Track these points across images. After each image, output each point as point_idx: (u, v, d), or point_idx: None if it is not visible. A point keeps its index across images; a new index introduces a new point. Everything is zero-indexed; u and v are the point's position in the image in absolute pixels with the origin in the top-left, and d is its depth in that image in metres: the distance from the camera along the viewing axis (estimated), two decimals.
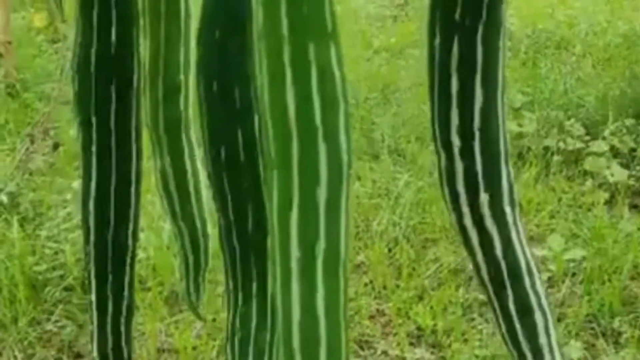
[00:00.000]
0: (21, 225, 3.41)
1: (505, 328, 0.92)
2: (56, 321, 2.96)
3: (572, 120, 4.20)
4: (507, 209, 0.89)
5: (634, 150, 4.01)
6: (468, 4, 0.81)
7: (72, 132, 4.49)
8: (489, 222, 0.88)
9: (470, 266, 2.69)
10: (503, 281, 0.91)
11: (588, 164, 3.82)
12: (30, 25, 6.77)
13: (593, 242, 3.17)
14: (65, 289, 3.08)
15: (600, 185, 3.72)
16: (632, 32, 5.74)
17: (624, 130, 4.12)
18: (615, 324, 2.79)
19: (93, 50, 0.95)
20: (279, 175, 0.62)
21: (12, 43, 5.71)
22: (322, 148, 0.60)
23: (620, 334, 2.77)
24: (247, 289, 0.88)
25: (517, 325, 0.92)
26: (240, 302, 0.89)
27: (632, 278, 3.03)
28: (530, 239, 3.22)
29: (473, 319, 2.89)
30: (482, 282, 0.93)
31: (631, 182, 3.76)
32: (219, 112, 0.85)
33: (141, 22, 1.01)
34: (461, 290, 2.99)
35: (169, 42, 1.05)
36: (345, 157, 0.61)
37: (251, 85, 0.85)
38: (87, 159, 1.00)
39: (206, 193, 1.14)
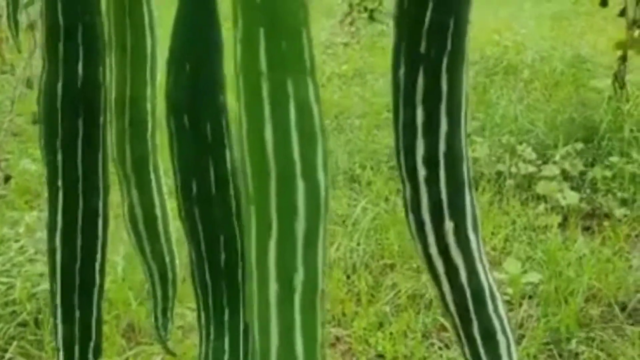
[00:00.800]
0: None
1: (470, 352, 0.94)
2: (10, 359, 2.89)
3: (524, 145, 4.28)
4: (472, 236, 0.90)
5: (583, 173, 4.10)
6: (433, 36, 0.82)
7: (22, 164, 4.43)
8: (454, 250, 0.90)
9: (430, 291, 2.71)
10: (467, 307, 0.92)
11: (540, 187, 3.89)
12: None
13: (548, 265, 3.22)
14: (19, 324, 3.02)
15: (553, 209, 3.78)
16: (577, 58, 5.88)
17: (574, 154, 4.21)
18: (572, 345, 2.83)
19: (59, 84, 0.94)
20: (257, 210, 0.62)
21: None
22: (300, 184, 0.61)
23: (577, 355, 2.81)
24: (219, 322, 0.88)
25: (481, 349, 0.93)
26: (212, 335, 0.88)
27: (587, 300, 3.08)
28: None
29: (432, 344, 2.90)
30: (446, 308, 0.94)
31: (583, 205, 3.83)
32: (190, 146, 0.85)
33: (107, 56, 1.00)
34: (421, 316, 3.01)
35: (134, 77, 1.05)
36: (323, 193, 0.62)
37: (222, 118, 0.85)
38: (53, 193, 0.99)
39: (173, 226, 1.14)
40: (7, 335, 2.97)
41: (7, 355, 2.89)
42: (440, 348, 2.88)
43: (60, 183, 0.99)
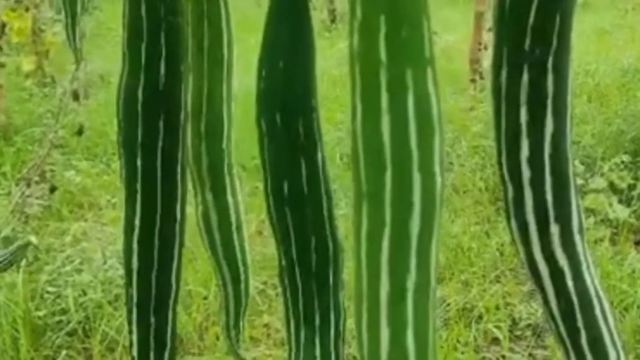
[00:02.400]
0: (18, 270, 3.35)
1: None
2: None
3: None
4: (577, 239, 0.86)
5: (632, 186, 4.02)
6: (538, 33, 0.79)
7: (67, 176, 4.46)
8: (560, 254, 0.86)
9: (480, 305, 2.66)
10: (574, 314, 0.88)
11: (589, 201, 3.82)
12: (18, 69, 6.76)
13: (601, 279, 3.15)
14: (68, 334, 3.02)
15: (602, 222, 3.71)
16: (622, 70, 5.81)
17: (622, 167, 4.14)
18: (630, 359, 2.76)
19: (140, 86, 0.92)
20: (370, 206, 0.59)
21: (2, 86, 5.69)
22: (416, 178, 0.58)
23: None
24: (309, 328, 0.85)
25: (589, 357, 0.89)
26: (302, 341, 0.85)
27: None
28: None
29: (484, 358, 2.85)
30: (551, 315, 0.91)
31: (632, 219, 3.76)
32: (282, 146, 0.82)
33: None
34: (472, 329, 2.96)
35: (211, 79, 1.03)
36: (439, 187, 0.59)
37: (314, 117, 0.83)
38: (131, 196, 0.97)
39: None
40: (56, 344, 2.97)
41: None
42: None
43: (139, 186, 0.96)
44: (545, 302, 0.88)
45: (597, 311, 0.86)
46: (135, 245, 0.99)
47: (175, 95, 0.94)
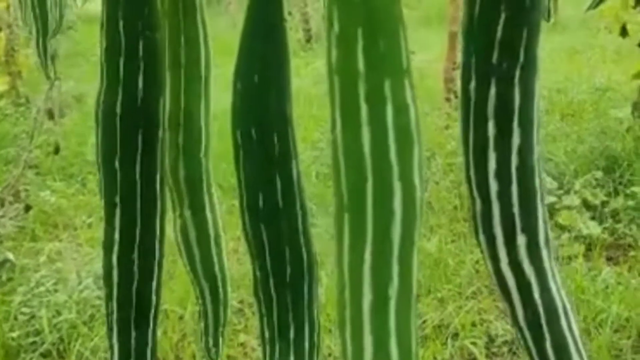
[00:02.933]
0: None
1: None
2: None
3: (543, 174, 4.26)
4: (544, 251, 0.88)
5: (605, 203, 4.07)
6: (506, 47, 0.81)
7: (42, 195, 4.43)
8: (527, 265, 0.88)
9: (455, 321, 2.67)
10: (540, 323, 0.90)
11: (562, 218, 3.86)
12: None
13: (575, 295, 3.18)
14: (42, 355, 2.99)
15: (576, 238, 3.75)
16: (593, 88, 5.89)
17: (595, 184, 4.19)
18: None
19: (119, 101, 0.93)
20: (351, 217, 0.61)
21: None
22: (397, 187, 0.59)
23: None
24: (284, 339, 0.86)
25: None
26: (277, 353, 0.86)
27: (617, 330, 3.04)
28: None
29: None
30: (517, 325, 0.92)
31: (606, 235, 3.80)
32: (257, 159, 0.83)
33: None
34: (447, 346, 2.97)
35: (188, 93, 1.04)
36: (419, 195, 0.61)
37: (289, 130, 0.84)
38: (110, 211, 0.98)
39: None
40: None
41: None
42: None
43: (118, 200, 0.97)
44: (513, 313, 0.89)
45: (563, 321, 0.88)
46: (114, 260, 0.99)
47: (154, 110, 0.95)
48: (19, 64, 6.87)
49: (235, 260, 3.52)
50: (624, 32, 4.44)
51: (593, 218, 3.95)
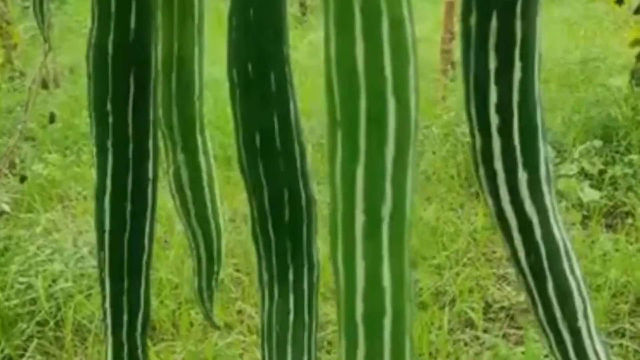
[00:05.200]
0: None
1: (543, 313, 0.90)
2: (30, 357, 2.85)
3: None
4: (545, 188, 0.86)
5: (603, 171, 4.06)
6: None
7: (37, 167, 4.40)
8: (528, 203, 0.86)
9: (452, 288, 2.66)
10: (542, 265, 0.88)
11: (560, 184, 3.85)
12: None
13: None
14: (38, 323, 2.98)
15: (573, 206, 3.74)
16: (590, 58, 5.85)
17: (593, 152, 4.17)
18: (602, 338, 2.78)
19: (110, 39, 0.91)
20: (343, 133, 0.59)
21: None
22: (391, 103, 0.57)
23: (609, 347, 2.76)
24: (283, 281, 0.84)
25: (557, 310, 0.89)
26: (276, 295, 0.84)
27: (614, 295, 3.04)
28: None
29: (458, 340, 2.86)
30: (519, 267, 0.90)
31: (604, 201, 3.79)
32: (254, 97, 0.81)
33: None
34: (445, 312, 2.96)
35: (182, 36, 1.02)
36: (413, 113, 0.59)
37: (286, 68, 0.82)
38: (102, 155, 0.95)
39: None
40: (26, 334, 2.93)
41: (27, 354, 2.85)
42: (465, 344, 2.83)
43: (110, 144, 0.95)
44: (514, 254, 0.88)
45: (565, 262, 0.87)
46: (107, 206, 0.97)
47: (146, 49, 0.93)
48: (13, 37, 6.81)
49: (232, 229, 3.50)
50: (619, 0, 4.40)
51: (591, 186, 3.94)
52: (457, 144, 4.37)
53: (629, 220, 3.65)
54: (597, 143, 4.21)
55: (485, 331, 2.91)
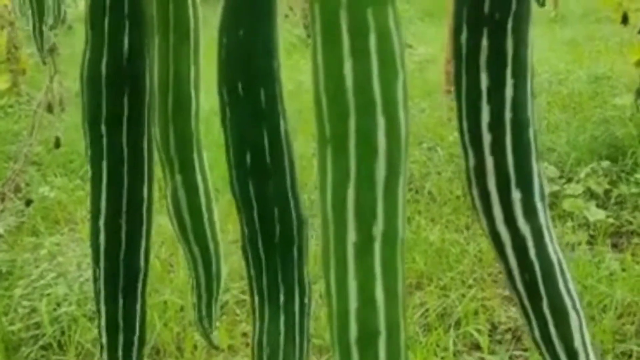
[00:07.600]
0: None
1: (539, 331, 0.89)
2: None
3: (546, 163, 4.23)
4: (539, 206, 0.86)
5: (609, 191, 4.04)
6: None
7: (41, 192, 4.41)
8: (522, 222, 0.85)
9: (458, 309, 2.64)
10: (536, 283, 0.87)
11: (567, 204, 3.83)
12: None
13: (579, 281, 3.16)
14: (42, 347, 2.97)
15: (580, 226, 3.72)
16: (595, 78, 5.86)
17: (599, 172, 4.16)
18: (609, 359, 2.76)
19: (104, 60, 0.91)
20: (334, 152, 0.58)
21: None
22: (380, 121, 0.57)
23: None
24: (274, 302, 0.83)
25: (552, 328, 0.88)
26: (267, 316, 0.84)
27: (620, 316, 3.02)
28: None
29: None
30: (514, 287, 0.90)
31: (610, 221, 3.77)
32: (244, 115, 0.81)
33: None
34: (450, 334, 2.94)
35: (177, 55, 1.02)
36: (403, 131, 0.58)
37: (276, 85, 0.82)
38: (96, 177, 0.95)
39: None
40: (30, 358, 2.92)
41: None
42: None
43: (104, 165, 0.95)
44: (509, 273, 0.87)
45: (559, 279, 0.86)
46: (102, 228, 0.97)
47: (140, 70, 0.93)
48: (21, 62, 6.86)
49: (236, 251, 3.49)
50: (625, 19, 4.41)
51: (597, 206, 3.93)
52: (462, 165, 4.36)
53: (635, 240, 3.63)
54: (603, 163, 4.20)
55: (491, 353, 2.89)
